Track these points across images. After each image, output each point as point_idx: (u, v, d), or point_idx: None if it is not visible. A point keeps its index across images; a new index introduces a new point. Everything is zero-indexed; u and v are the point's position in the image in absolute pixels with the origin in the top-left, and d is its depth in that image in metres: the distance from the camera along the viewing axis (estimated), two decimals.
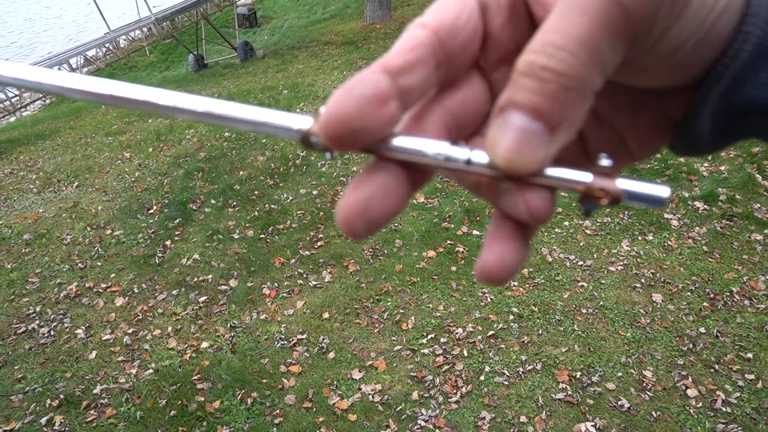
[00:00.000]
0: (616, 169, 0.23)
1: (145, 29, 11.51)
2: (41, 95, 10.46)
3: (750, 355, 3.10)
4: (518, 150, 0.21)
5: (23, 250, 4.71)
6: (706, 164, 4.90)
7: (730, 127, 0.24)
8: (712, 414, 2.82)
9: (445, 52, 0.23)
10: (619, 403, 2.93)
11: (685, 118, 0.25)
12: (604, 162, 0.23)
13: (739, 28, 0.22)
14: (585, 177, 0.23)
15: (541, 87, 0.20)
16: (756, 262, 3.76)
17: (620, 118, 0.28)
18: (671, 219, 4.27)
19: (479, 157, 0.23)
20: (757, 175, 4.62)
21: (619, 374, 3.09)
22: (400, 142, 0.23)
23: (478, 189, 0.26)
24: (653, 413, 2.86)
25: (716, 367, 3.07)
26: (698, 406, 2.87)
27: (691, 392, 2.94)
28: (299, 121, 0.23)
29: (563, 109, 0.21)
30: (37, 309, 3.99)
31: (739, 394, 2.90)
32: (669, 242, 4.04)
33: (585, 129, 0.28)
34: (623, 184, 0.22)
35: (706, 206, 4.34)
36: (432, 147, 0.23)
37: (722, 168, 4.80)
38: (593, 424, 2.83)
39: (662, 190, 0.22)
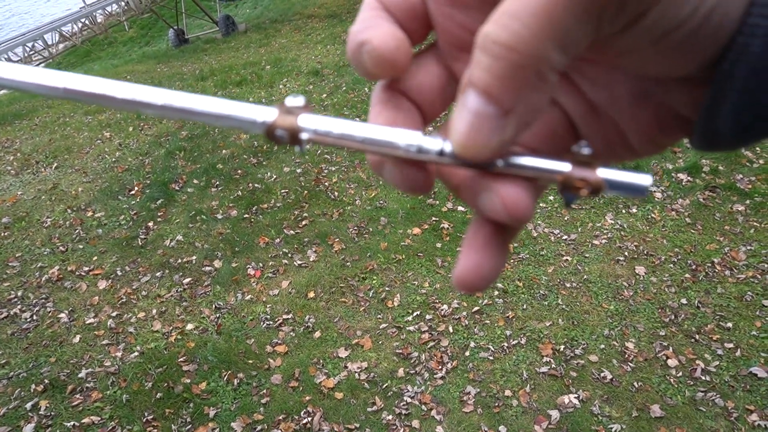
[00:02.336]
0: (597, 157, 0.22)
1: (122, 3, 11.18)
2: None
3: (730, 324, 3.15)
4: (470, 135, 0.19)
5: (2, 234, 4.63)
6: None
7: (755, 126, 0.21)
8: (691, 383, 2.88)
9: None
10: (602, 374, 2.97)
11: (700, 114, 0.22)
12: (584, 150, 0.22)
13: (744, 20, 0.19)
14: (563, 166, 0.22)
15: (493, 64, 0.18)
16: (737, 232, 3.80)
17: (620, 111, 0.25)
18: (655, 192, 4.28)
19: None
20: None
21: (602, 346, 3.13)
22: (372, 133, 0.22)
23: (458, 191, 0.25)
24: (635, 384, 2.91)
25: (696, 337, 3.12)
26: (678, 375, 2.92)
27: (672, 362, 2.99)
28: (264, 114, 0.22)
29: (517, 90, 0.18)
30: (19, 294, 3.94)
31: (717, 363, 2.96)
32: (652, 215, 4.06)
33: (579, 121, 0.26)
34: (604, 173, 0.22)
35: (689, 178, 4.35)
36: (404, 138, 0.22)
37: None
38: (576, 396, 2.87)
39: (644, 179, 0.21)
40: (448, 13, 0.23)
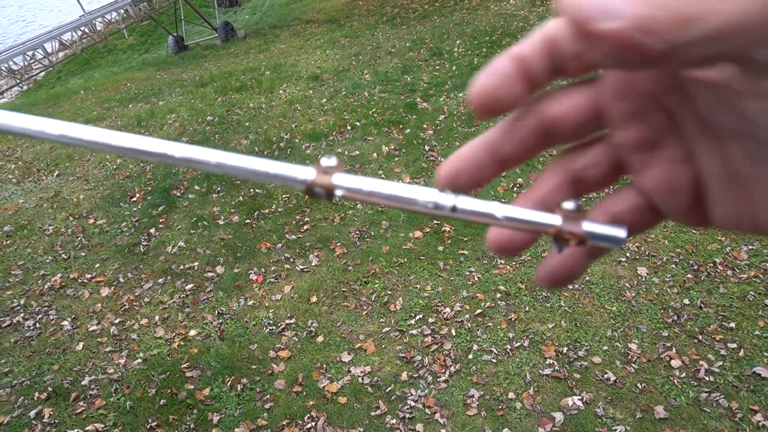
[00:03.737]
0: (582, 210, 0.25)
1: (121, 11, 11.22)
2: (17, 81, 10.21)
3: (732, 324, 3.15)
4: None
5: (4, 242, 4.64)
6: None
7: None
8: (695, 383, 2.87)
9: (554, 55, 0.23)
10: (605, 376, 2.97)
11: None
12: (569, 205, 0.25)
13: None
14: (555, 220, 0.25)
15: None
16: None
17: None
18: None
19: (464, 203, 0.25)
20: None
21: (605, 348, 3.13)
22: (395, 190, 0.25)
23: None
24: (639, 385, 2.91)
25: (699, 337, 3.11)
26: (682, 376, 2.92)
27: (675, 363, 2.98)
28: (305, 173, 0.25)
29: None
30: (21, 302, 3.94)
31: (721, 363, 2.96)
32: None
33: (712, 184, 0.23)
34: (588, 227, 0.25)
35: None
36: (422, 195, 0.25)
37: None
38: (580, 398, 2.87)
39: (620, 232, 0.24)
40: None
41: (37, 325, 3.73)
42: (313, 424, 2.88)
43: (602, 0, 0.17)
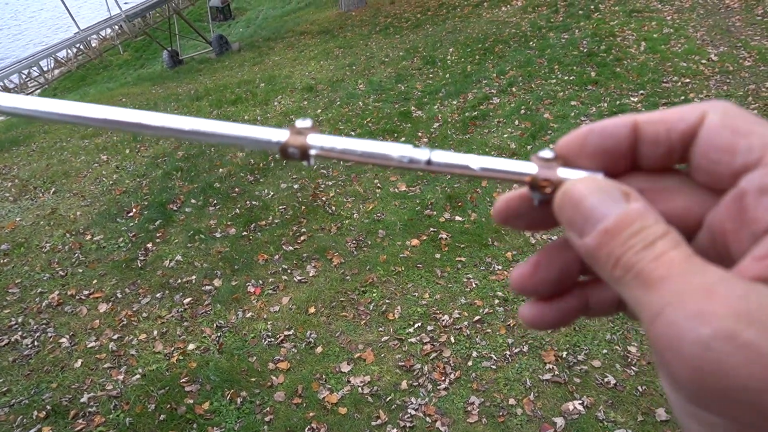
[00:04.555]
0: (559, 157, 0.25)
1: (116, 27, 11.28)
2: None
3: None
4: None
5: (2, 261, 4.62)
6: None
7: None
8: None
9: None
10: (606, 379, 2.96)
11: None
12: (547, 153, 0.25)
13: None
14: (530, 168, 0.25)
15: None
16: None
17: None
18: None
19: (439, 156, 0.25)
20: None
21: (605, 351, 3.12)
22: (369, 147, 0.25)
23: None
24: (639, 387, 2.90)
25: None
26: None
27: None
28: (278, 134, 0.26)
29: None
30: (19, 320, 3.93)
31: None
32: None
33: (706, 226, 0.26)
34: (563, 173, 0.24)
35: None
36: (396, 150, 0.25)
37: None
38: (581, 402, 2.86)
39: (597, 176, 0.24)
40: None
41: (35, 343, 3.71)
42: None
43: (576, 216, 0.23)
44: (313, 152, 0.26)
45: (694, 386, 0.18)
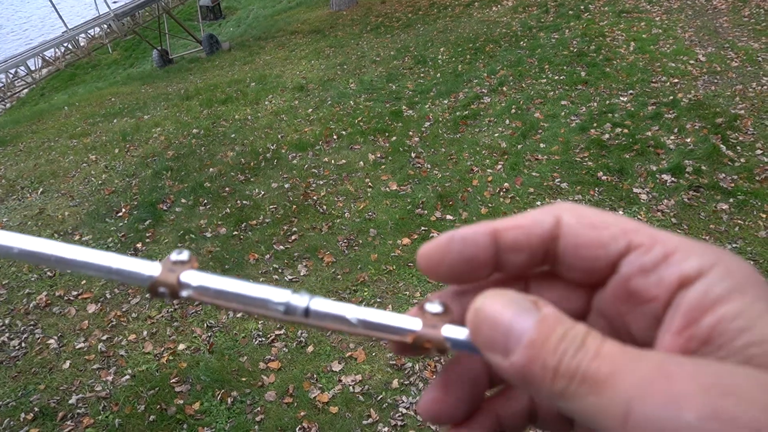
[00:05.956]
0: (448, 311, 0.24)
1: (105, 26, 11.18)
2: (0, 99, 10.12)
3: None
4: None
5: None
6: (672, 137, 4.98)
7: None
8: None
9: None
10: None
11: None
12: (435, 308, 0.23)
13: None
14: (415, 325, 0.23)
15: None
16: (722, 231, 3.85)
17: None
18: (640, 193, 4.33)
19: (318, 305, 0.23)
20: (722, 146, 4.71)
21: None
22: (245, 290, 0.23)
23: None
24: None
25: None
26: None
27: None
28: (150, 268, 0.23)
29: None
30: (6, 321, 3.88)
31: None
32: (638, 216, 4.10)
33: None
34: (447, 331, 0.23)
35: (673, 179, 4.41)
36: (274, 295, 0.23)
37: (688, 140, 4.89)
38: None
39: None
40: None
41: (23, 345, 3.67)
42: None
43: (495, 336, 0.21)
44: (184, 293, 0.23)
45: None
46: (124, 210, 5.09)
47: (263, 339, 3.48)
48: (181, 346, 3.51)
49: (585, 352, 0.19)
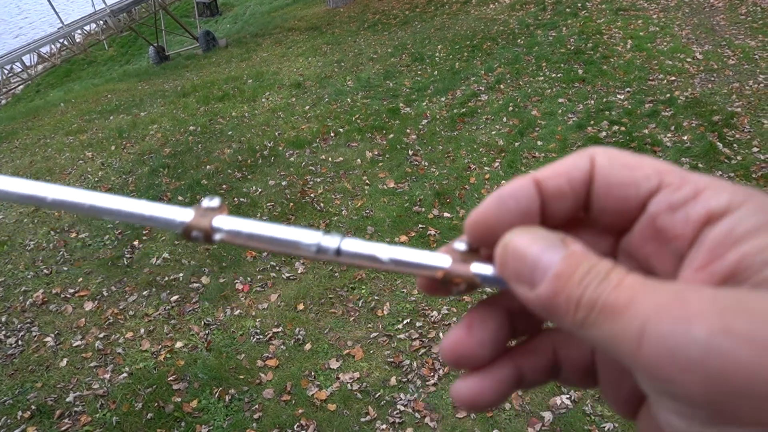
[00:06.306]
0: (475, 250, 0.24)
1: (101, 22, 11.13)
2: None
3: None
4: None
5: None
6: (669, 135, 4.99)
7: None
8: None
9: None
10: None
11: None
12: (462, 246, 0.24)
13: None
14: (444, 262, 0.23)
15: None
16: None
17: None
18: None
19: (349, 245, 0.24)
20: (718, 143, 4.73)
21: None
22: (276, 233, 0.24)
23: None
24: None
25: None
26: None
27: None
28: (182, 214, 0.24)
29: None
30: (3, 319, 3.87)
31: None
32: None
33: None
34: (477, 268, 0.23)
35: None
36: (305, 237, 0.24)
37: (685, 138, 4.90)
38: (568, 396, 2.89)
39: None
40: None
41: (20, 343, 3.66)
42: None
43: (523, 268, 0.22)
44: (217, 237, 0.24)
45: (709, 396, 0.17)
46: None
47: (261, 336, 3.48)
48: (179, 344, 3.50)
49: (608, 283, 0.20)
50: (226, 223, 0.24)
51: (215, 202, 0.25)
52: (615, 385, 0.25)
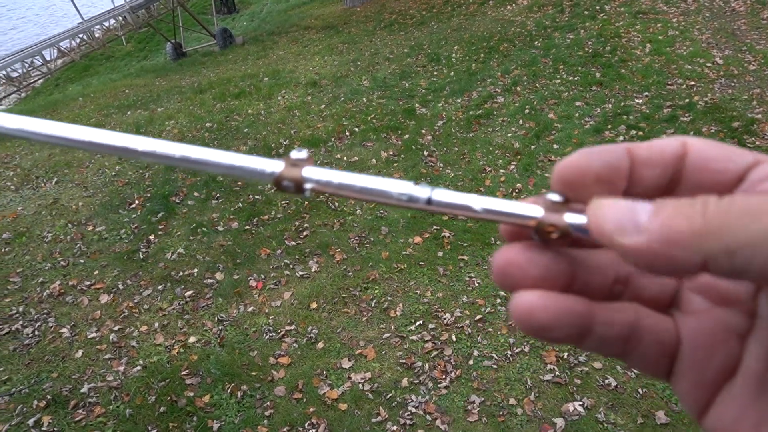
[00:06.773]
0: (567, 201, 0.24)
1: (120, 18, 11.25)
2: (16, 89, 10.21)
3: None
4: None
5: (3, 250, 4.62)
6: None
7: None
8: None
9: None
10: (606, 381, 2.97)
11: None
12: (554, 197, 0.24)
13: None
14: (536, 212, 0.24)
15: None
16: None
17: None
18: None
19: (440, 195, 0.24)
20: None
21: None
22: (367, 183, 0.24)
23: None
24: (639, 390, 2.91)
25: None
26: None
27: None
28: (273, 166, 0.25)
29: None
30: (20, 309, 3.92)
31: None
32: None
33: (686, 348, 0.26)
34: (570, 218, 0.23)
35: None
36: (396, 187, 0.24)
37: None
38: (581, 403, 2.86)
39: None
40: None
41: (36, 333, 3.71)
42: (314, 431, 2.87)
43: (622, 216, 0.21)
44: (308, 186, 0.25)
45: None
46: (137, 202, 5.12)
47: (273, 334, 3.50)
48: (192, 339, 3.53)
49: (728, 198, 0.19)
50: (316, 173, 0.25)
51: (303, 153, 0.25)
52: (701, 364, 0.24)
